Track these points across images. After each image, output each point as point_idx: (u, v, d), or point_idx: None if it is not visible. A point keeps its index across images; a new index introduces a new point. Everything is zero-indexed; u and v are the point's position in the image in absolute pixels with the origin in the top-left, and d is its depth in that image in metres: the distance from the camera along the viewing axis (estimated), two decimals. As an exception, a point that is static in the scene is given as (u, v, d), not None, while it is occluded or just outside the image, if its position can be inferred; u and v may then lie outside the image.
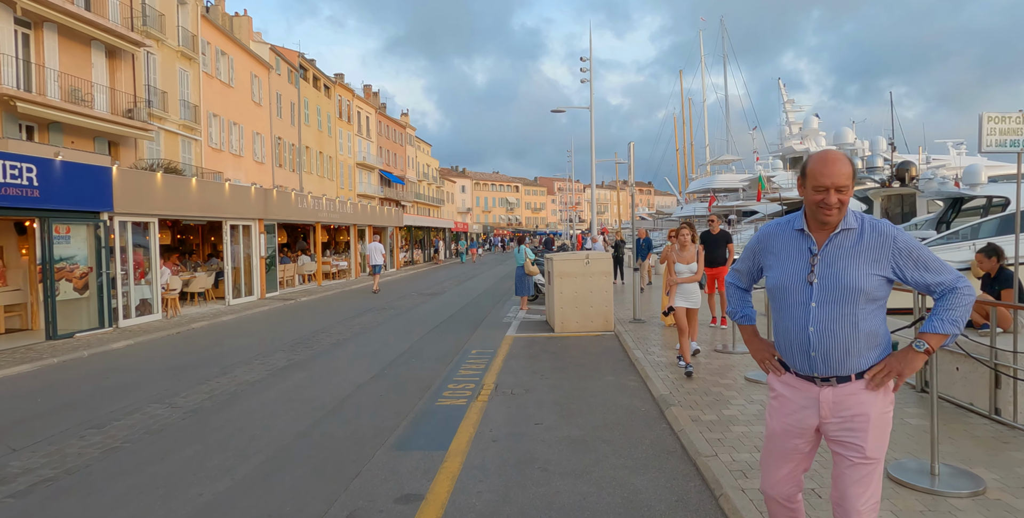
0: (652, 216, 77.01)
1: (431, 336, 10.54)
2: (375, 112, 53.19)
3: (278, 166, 34.60)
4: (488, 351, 9.06)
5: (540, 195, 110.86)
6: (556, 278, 10.46)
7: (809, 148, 57.19)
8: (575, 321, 10.52)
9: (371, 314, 13.77)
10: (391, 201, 54.03)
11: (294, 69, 37.75)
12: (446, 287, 20.71)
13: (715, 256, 9.66)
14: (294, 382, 7.34)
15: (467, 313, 13.65)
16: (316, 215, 19.94)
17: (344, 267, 23.35)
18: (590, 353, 8.72)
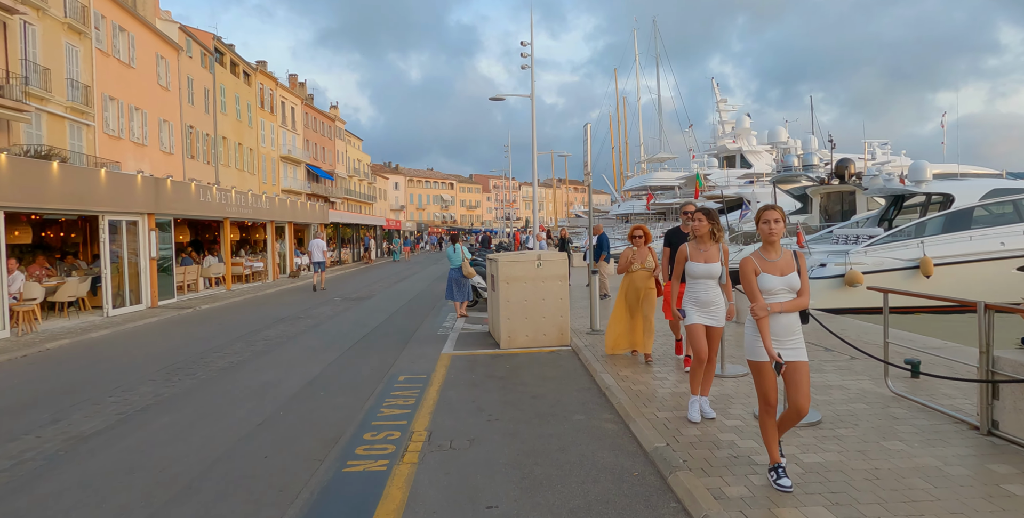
0: (588, 214, 76.46)
1: (350, 355, 8.62)
2: (301, 103, 50.13)
3: (190, 157, 31.54)
4: (420, 377, 7.23)
5: (475, 193, 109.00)
6: (502, 283, 8.73)
7: (742, 147, 57.68)
8: (525, 334, 8.83)
9: (282, 325, 11.68)
10: (319, 197, 51.07)
11: (208, 52, 34.63)
12: (375, 290, 18.67)
13: None
14: (147, 435, 5.32)
15: (397, 323, 11.75)
16: (224, 210, 17.52)
17: (259, 269, 20.93)
18: (547, 378, 7.02)
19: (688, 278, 5.19)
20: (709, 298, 5.11)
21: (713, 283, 5.11)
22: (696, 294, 5.13)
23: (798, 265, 3.85)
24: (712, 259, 5.10)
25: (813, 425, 4.91)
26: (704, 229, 5.11)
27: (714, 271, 5.08)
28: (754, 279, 3.80)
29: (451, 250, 12.15)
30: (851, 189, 28.21)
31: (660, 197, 55.16)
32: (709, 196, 43.89)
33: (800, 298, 3.82)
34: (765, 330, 3.71)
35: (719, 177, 51.11)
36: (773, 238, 3.86)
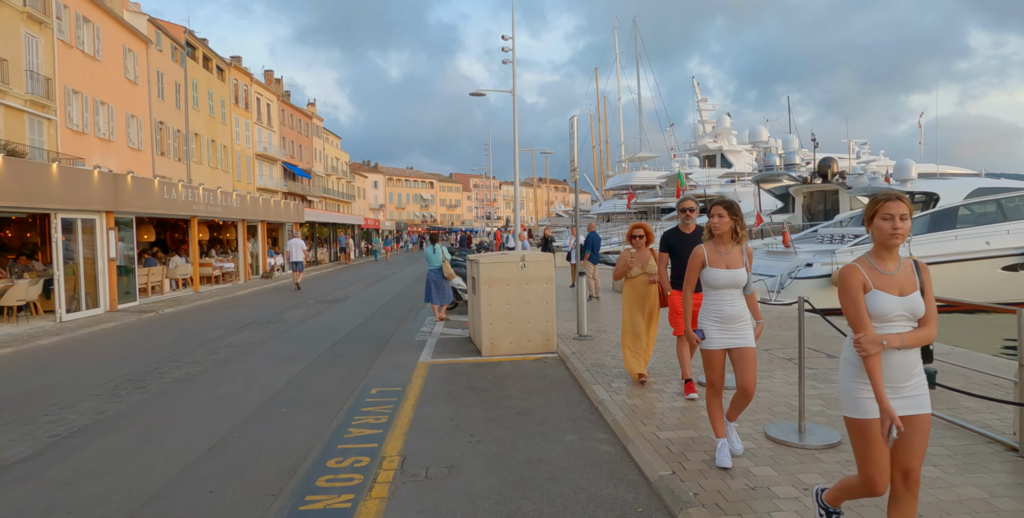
0: (569, 213, 76.13)
1: (320, 365, 7.96)
2: (277, 100, 49.05)
3: (160, 154, 30.49)
4: (394, 389, 6.61)
5: (456, 192, 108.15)
6: (483, 286, 8.14)
7: (722, 147, 57.66)
8: (508, 341, 8.24)
9: (249, 330, 10.97)
10: (296, 196, 50.03)
11: (179, 46, 33.55)
12: (351, 291, 17.96)
13: None
14: (77, 464, 4.65)
15: (372, 327, 11.11)
16: (191, 208, 16.69)
17: (230, 269, 20.09)
18: (533, 390, 6.44)
19: (706, 289, 4.18)
20: (735, 312, 4.08)
21: (738, 294, 4.13)
22: (718, 308, 4.10)
23: (921, 281, 2.77)
24: (736, 264, 4.11)
25: (833, 446, 4.39)
26: (725, 227, 4.11)
27: (739, 278, 4.09)
28: (862, 298, 2.69)
29: (430, 250, 11.54)
30: (834, 188, 28.02)
31: (641, 196, 54.92)
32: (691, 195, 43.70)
33: (926, 328, 2.73)
34: (876, 373, 2.59)
35: (700, 176, 51.01)
36: (897, 241, 2.73)
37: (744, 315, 4.13)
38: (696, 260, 4.19)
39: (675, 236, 5.81)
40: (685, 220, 5.79)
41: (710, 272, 4.11)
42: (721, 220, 4.13)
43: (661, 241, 5.84)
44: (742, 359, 4.04)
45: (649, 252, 6.29)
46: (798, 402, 4.71)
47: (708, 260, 4.14)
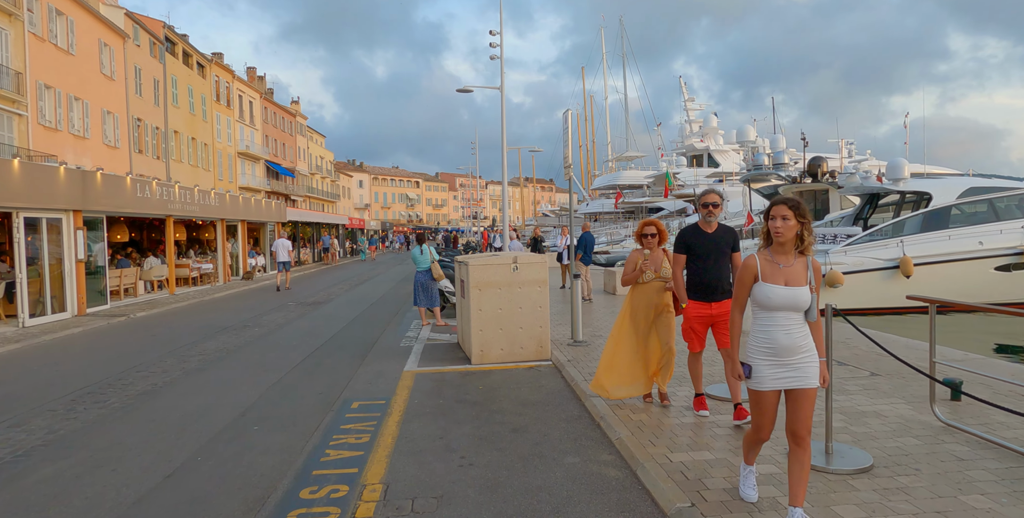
0: (556, 213, 75.83)
1: (297, 375, 7.43)
2: (260, 97, 48.19)
3: (137, 152, 29.66)
4: (378, 402, 6.10)
5: (442, 191, 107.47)
6: (473, 290, 7.64)
7: (709, 146, 57.61)
8: (499, 348, 7.75)
9: (225, 335, 10.40)
10: (280, 195, 49.23)
11: (158, 41, 32.71)
12: (334, 293, 17.38)
13: (714, 275, 4.92)
14: (14, 496, 4.08)
15: (355, 332, 10.57)
16: (166, 207, 16.03)
17: (209, 270, 19.42)
18: (528, 403, 5.96)
19: (756, 309, 3.30)
20: (792, 343, 3.17)
21: (798, 319, 3.20)
22: (771, 336, 3.18)
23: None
24: (797, 280, 3.17)
25: (865, 471, 3.95)
26: (790, 232, 3.16)
27: (801, 299, 3.15)
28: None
29: (417, 251, 11.03)
30: (824, 188, 27.81)
31: (629, 196, 54.70)
32: (679, 195, 43.45)
33: None
34: None
35: (688, 176, 50.84)
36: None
37: (805, 346, 3.20)
38: (747, 273, 3.26)
39: (695, 235, 4.98)
40: (707, 217, 4.96)
41: (764, 289, 3.19)
42: (785, 224, 3.15)
43: (678, 240, 5.04)
44: (798, 401, 3.20)
45: (663, 253, 5.42)
46: (825, 419, 4.27)
47: (762, 273, 3.22)
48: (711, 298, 4.95)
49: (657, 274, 5.37)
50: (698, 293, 4.97)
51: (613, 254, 29.62)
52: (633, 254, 5.50)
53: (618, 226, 46.07)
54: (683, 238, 5.05)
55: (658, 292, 5.38)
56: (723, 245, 5.00)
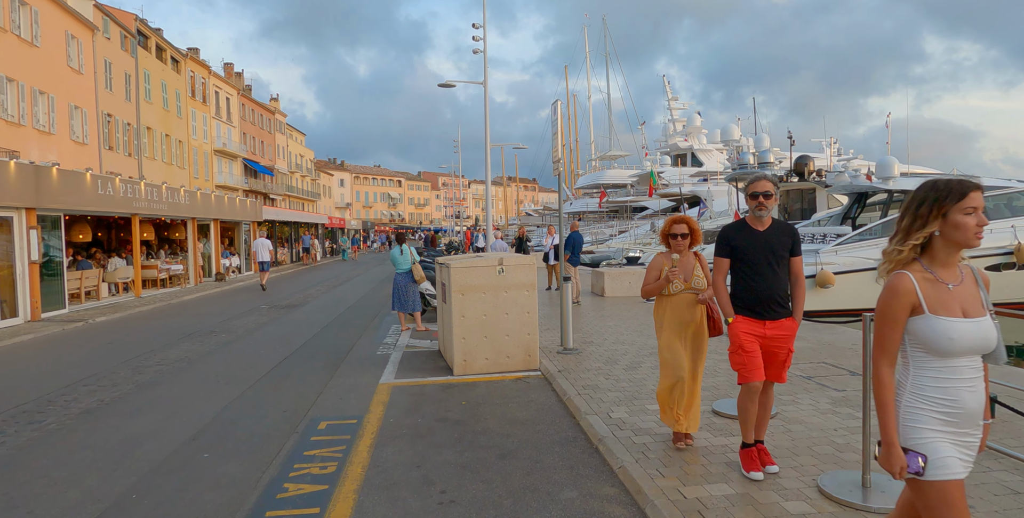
0: (540, 212, 75.37)
1: (261, 389, 6.75)
2: (238, 93, 47.10)
3: (107, 148, 28.62)
4: (348, 422, 5.45)
5: (424, 190, 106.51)
6: (455, 294, 7.02)
7: (693, 145, 57.45)
8: (484, 357, 7.14)
9: (188, 342, 9.67)
10: (258, 194, 48.18)
11: (130, 34, 31.64)
12: (310, 295, 16.65)
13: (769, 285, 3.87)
14: (-96, 547, 3.42)
15: (329, 339, 9.89)
16: (131, 205, 15.19)
17: (179, 272, 18.57)
18: (517, 422, 5.35)
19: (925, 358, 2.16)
20: (980, 405, 2.14)
21: (980, 366, 2.17)
22: (953, 396, 2.11)
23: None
24: (975, 305, 2.16)
25: (912, 509, 3.39)
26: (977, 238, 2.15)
27: (991, 336, 2.14)
28: None
29: (396, 252, 10.37)
30: (811, 187, 27.51)
31: (613, 195, 54.36)
32: (664, 194, 43.12)
33: None
34: None
35: (672, 175, 50.62)
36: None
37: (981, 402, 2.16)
38: (900, 302, 2.15)
39: (742, 234, 3.93)
40: (757, 210, 3.89)
41: (939, 326, 2.10)
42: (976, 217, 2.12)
43: (720, 241, 4.01)
44: None
45: (695, 258, 4.43)
46: (861, 447, 3.72)
47: (927, 301, 2.13)
48: (765, 315, 3.84)
49: (687, 284, 4.33)
50: (747, 308, 3.89)
51: (598, 254, 29.10)
52: (657, 258, 4.50)
53: (602, 225, 45.68)
54: (727, 238, 3.97)
55: (688, 306, 4.33)
56: (779, 247, 3.86)
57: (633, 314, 11.11)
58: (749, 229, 3.94)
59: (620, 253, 27.99)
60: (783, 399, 5.47)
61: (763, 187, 3.88)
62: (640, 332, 9.19)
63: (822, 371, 6.57)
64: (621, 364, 7.11)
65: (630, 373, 6.66)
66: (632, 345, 8.23)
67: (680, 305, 4.37)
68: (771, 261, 3.87)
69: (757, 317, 3.88)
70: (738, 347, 3.85)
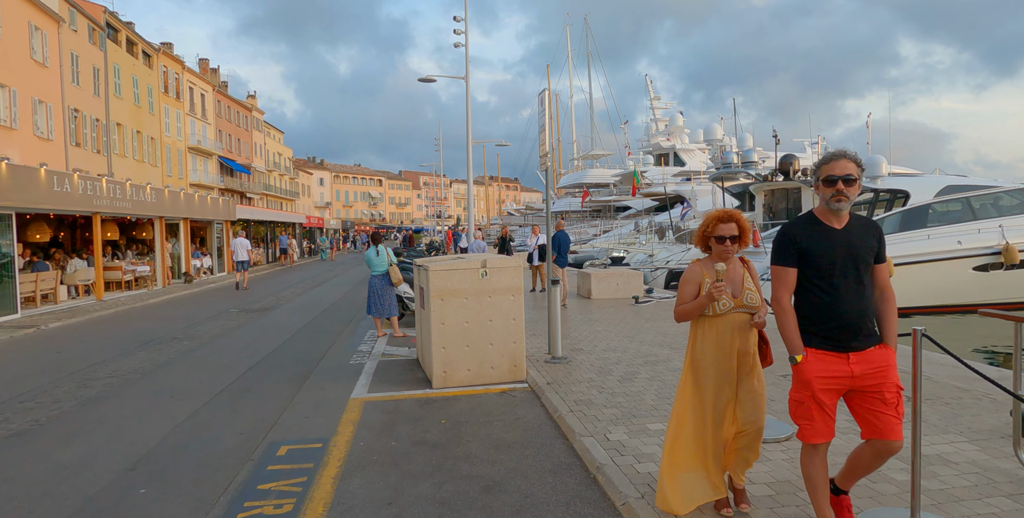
0: (522, 212, 74.90)
1: (218, 405, 6.09)
2: (213, 90, 45.98)
3: (74, 145, 27.56)
4: (312, 446, 4.83)
5: (405, 190, 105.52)
6: (434, 299, 6.41)
7: (675, 145, 57.31)
8: (466, 368, 6.54)
9: (146, 351, 8.95)
10: (235, 192, 47.12)
11: (98, 27, 30.54)
12: (284, 298, 15.92)
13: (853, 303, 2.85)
14: None
15: (299, 345, 9.23)
16: (91, 203, 14.35)
17: (145, 273, 17.72)
18: (503, 445, 4.76)
19: None
20: None
21: None
22: None
23: None
24: None
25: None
26: None
27: None
28: None
29: (372, 253, 9.73)
30: (796, 186, 27.28)
31: (595, 194, 54.00)
32: (647, 193, 42.82)
33: None
34: None
35: (655, 174, 50.45)
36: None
37: None
38: None
39: (813, 234, 2.88)
40: (834, 202, 2.82)
41: None
42: None
43: (781, 244, 2.93)
44: None
45: (744, 267, 3.38)
46: (910, 477, 3.19)
47: None
48: (848, 345, 2.83)
49: (738, 301, 3.26)
50: (823, 337, 2.86)
51: (582, 254, 28.63)
52: (693, 269, 3.39)
53: (585, 225, 45.31)
54: (792, 239, 2.90)
55: (739, 331, 3.26)
56: (863, 250, 2.87)
57: (622, 318, 10.58)
58: (823, 227, 2.88)
59: (604, 253, 27.54)
60: (796, 416, 4.94)
61: (843, 169, 2.80)
62: (632, 338, 8.65)
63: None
64: (615, 375, 6.55)
65: (625, 385, 6.10)
66: (624, 352, 7.68)
67: (727, 330, 3.26)
68: (854, 269, 2.85)
69: (837, 349, 2.84)
70: (808, 397, 2.84)
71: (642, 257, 25.39)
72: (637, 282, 14.01)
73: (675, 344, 8.14)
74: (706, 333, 3.32)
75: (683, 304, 3.35)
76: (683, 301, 3.37)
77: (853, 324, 2.83)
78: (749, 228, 3.32)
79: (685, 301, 3.35)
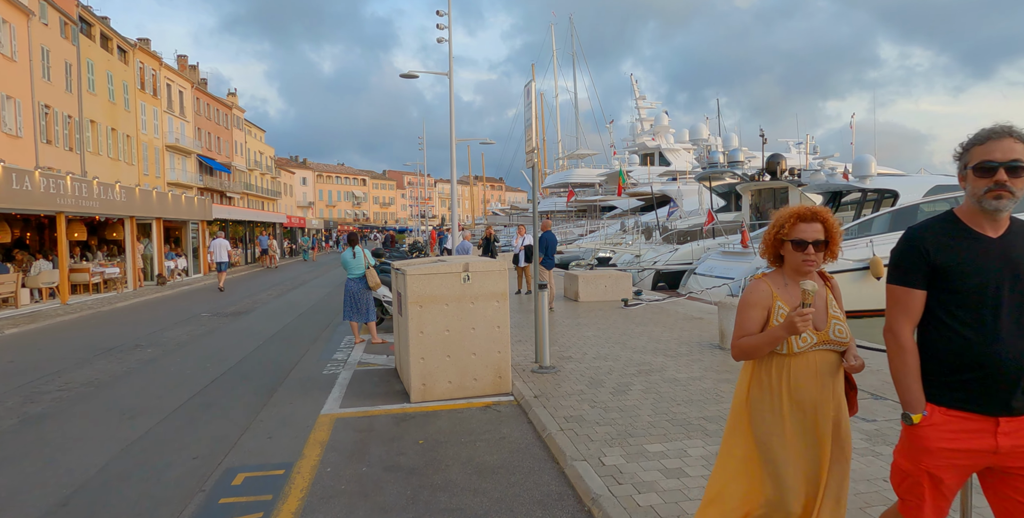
0: (507, 212, 74.47)
1: (173, 424, 5.55)
2: (192, 87, 45.02)
3: (45, 142, 26.68)
4: (273, 474, 4.31)
5: (389, 189, 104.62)
6: (412, 306, 5.91)
7: (660, 145, 57.20)
8: (447, 380, 6.05)
9: (105, 360, 8.36)
10: (214, 192, 46.20)
11: (70, 21, 29.63)
12: (260, 300, 15.31)
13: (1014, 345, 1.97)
14: None
15: (271, 353, 8.68)
16: (54, 202, 13.66)
17: (115, 275, 17.02)
18: (487, 471, 4.28)
19: None
20: None
21: None
22: None
23: None
24: None
25: None
26: None
27: None
28: None
29: (348, 255, 9.21)
30: (783, 186, 27.10)
31: (581, 194, 53.70)
32: (633, 193, 42.56)
33: None
34: None
35: (640, 174, 50.30)
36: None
37: None
38: None
39: (954, 243, 2.06)
40: (992, 200, 1.99)
41: None
42: None
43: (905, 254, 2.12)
44: None
45: (827, 287, 2.49)
46: None
47: None
48: (1000, 406, 1.99)
49: (822, 334, 2.36)
50: (961, 390, 2.04)
51: (567, 254, 28.22)
52: (759, 287, 2.47)
53: (571, 225, 45.00)
54: (921, 247, 2.08)
55: (822, 376, 2.37)
56: None
57: (612, 322, 10.13)
58: (970, 234, 2.05)
59: (590, 253, 27.15)
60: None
61: (1007, 151, 1.95)
62: (623, 344, 8.21)
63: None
64: (607, 386, 6.09)
65: (619, 399, 5.64)
66: (616, 361, 7.23)
67: (807, 373, 2.35)
68: (1016, 295, 2.00)
69: (981, 410, 2.00)
70: (922, 473, 2.06)
71: (629, 257, 25.04)
72: (626, 284, 13.58)
73: (668, 351, 7.70)
74: (771, 378, 2.38)
75: (745, 336, 2.42)
76: (746, 331, 2.42)
77: (1010, 375, 1.94)
78: (839, 231, 2.41)
79: (748, 331, 2.41)
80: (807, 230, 2.36)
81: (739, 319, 2.46)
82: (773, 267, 2.53)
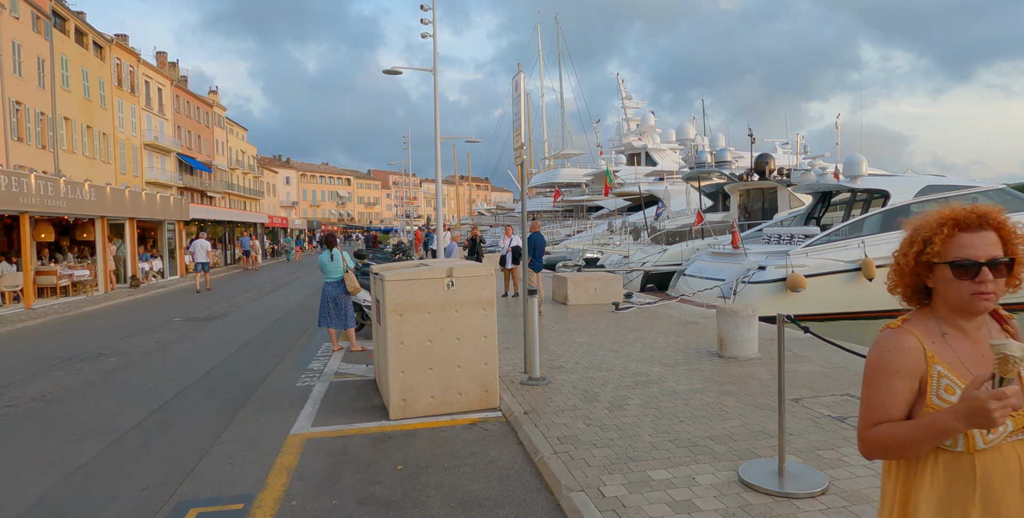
0: (493, 212, 73.97)
1: (125, 446, 5.01)
2: (171, 84, 44.08)
3: (16, 140, 25.83)
4: (229, 510, 3.80)
5: (374, 189, 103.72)
6: (391, 315, 5.42)
7: (647, 144, 57.05)
8: (429, 395, 5.56)
9: (62, 371, 7.78)
10: (195, 191, 45.31)
11: (43, 15, 28.74)
12: (236, 304, 14.71)
13: None
14: None
15: (242, 363, 8.14)
16: (16, 201, 12.98)
17: (84, 278, 16.33)
18: (473, 504, 3.80)
19: None
20: None
21: None
22: None
23: None
24: None
25: None
26: None
27: None
28: None
29: (326, 257, 8.68)
30: (772, 186, 26.85)
31: (567, 194, 53.35)
32: (620, 193, 42.22)
33: None
34: None
35: (627, 174, 50.07)
36: None
37: None
38: None
39: None
40: None
41: None
42: None
43: None
44: None
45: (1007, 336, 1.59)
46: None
47: None
48: None
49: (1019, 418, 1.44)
50: None
51: (554, 254, 27.78)
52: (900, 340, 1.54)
53: (557, 225, 44.62)
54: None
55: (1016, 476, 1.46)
56: None
57: (604, 327, 9.69)
58: None
59: (577, 254, 26.72)
60: (824, 457, 4.06)
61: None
62: (617, 352, 7.76)
63: (852, 408, 5.23)
64: (603, 400, 5.64)
65: (616, 415, 5.19)
66: (611, 371, 6.78)
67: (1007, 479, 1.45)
68: None
69: None
70: None
71: (617, 258, 24.63)
72: (616, 287, 13.16)
73: (665, 359, 7.27)
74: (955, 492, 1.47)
75: (884, 421, 1.52)
76: (884, 415, 1.52)
77: None
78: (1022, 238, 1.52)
79: (890, 415, 1.52)
80: (975, 243, 1.48)
81: (869, 394, 1.55)
82: (912, 306, 1.63)
